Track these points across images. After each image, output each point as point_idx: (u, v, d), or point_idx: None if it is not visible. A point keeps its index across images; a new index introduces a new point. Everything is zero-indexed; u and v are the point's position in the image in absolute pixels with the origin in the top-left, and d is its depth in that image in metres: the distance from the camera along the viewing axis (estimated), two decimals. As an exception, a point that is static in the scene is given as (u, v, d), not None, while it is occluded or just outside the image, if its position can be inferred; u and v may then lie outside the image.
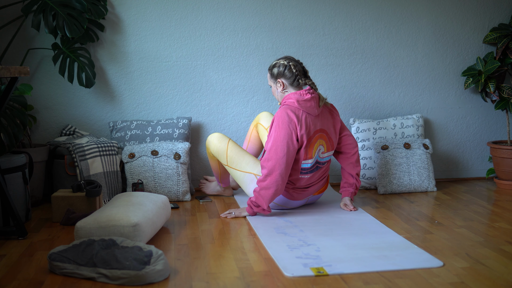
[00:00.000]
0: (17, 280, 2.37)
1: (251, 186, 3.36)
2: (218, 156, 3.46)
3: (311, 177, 3.33)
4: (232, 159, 3.40)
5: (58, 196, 3.24)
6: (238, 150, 3.42)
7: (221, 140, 3.44)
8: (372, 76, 4.16)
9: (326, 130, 3.31)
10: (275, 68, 3.32)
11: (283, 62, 3.30)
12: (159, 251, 2.44)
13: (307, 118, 3.21)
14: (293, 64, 3.29)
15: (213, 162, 3.58)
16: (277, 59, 3.35)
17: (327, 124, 3.32)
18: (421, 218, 3.23)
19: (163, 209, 3.06)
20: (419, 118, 4.08)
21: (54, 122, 3.93)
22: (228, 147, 3.41)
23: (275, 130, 3.18)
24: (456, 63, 4.22)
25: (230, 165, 3.41)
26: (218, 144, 3.44)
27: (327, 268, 2.44)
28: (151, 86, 3.98)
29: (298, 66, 3.31)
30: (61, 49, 3.73)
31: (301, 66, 3.34)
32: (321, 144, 3.29)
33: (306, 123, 3.20)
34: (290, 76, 3.28)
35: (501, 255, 2.60)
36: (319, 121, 3.27)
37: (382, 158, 3.83)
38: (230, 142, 3.44)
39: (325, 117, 3.32)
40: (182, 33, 3.97)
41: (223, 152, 3.42)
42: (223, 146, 3.42)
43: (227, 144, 3.42)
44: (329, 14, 4.06)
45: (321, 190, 3.48)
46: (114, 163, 3.66)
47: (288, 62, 3.30)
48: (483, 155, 4.32)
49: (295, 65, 3.29)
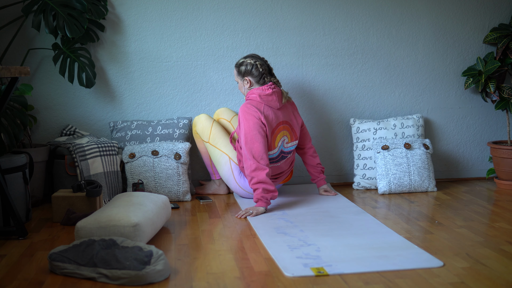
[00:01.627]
0: (17, 280, 2.37)
1: (225, 168, 3.66)
2: (201, 134, 3.71)
3: (280, 166, 3.58)
4: (214, 136, 3.67)
5: (58, 196, 3.24)
6: (221, 130, 3.71)
7: (208, 119, 3.73)
8: (372, 76, 4.16)
9: (289, 122, 3.58)
10: (243, 66, 3.54)
11: (250, 61, 3.52)
12: (159, 251, 2.44)
13: (268, 111, 3.47)
14: (260, 63, 3.52)
15: (202, 149, 3.81)
16: (244, 57, 3.56)
17: (290, 117, 3.59)
18: (421, 218, 3.23)
19: (164, 209, 3.06)
20: (419, 118, 4.08)
21: (54, 122, 3.93)
22: (213, 125, 3.70)
23: (243, 123, 3.42)
24: (456, 63, 4.23)
25: (211, 142, 3.68)
26: (204, 121, 3.72)
27: (327, 268, 2.44)
28: (152, 86, 3.98)
29: (264, 65, 3.54)
30: (61, 49, 3.74)
31: (267, 64, 3.57)
32: (284, 135, 3.55)
33: (267, 114, 3.45)
34: (257, 75, 3.52)
35: (501, 255, 2.60)
36: (282, 114, 3.54)
37: (382, 158, 3.83)
38: (215, 122, 3.73)
39: (288, 111, 3.60)
40: (183, 33, 3.97)
41: (208, 129, 3.69)
42: (208, 124, 3.71)
43: (212, 123, 3.72)
44: (330, 14, 4.06)
45: (287, 179, 3.76)
46: (115, 163, 3.66)
47: (255, 61, 3.52)
48: (483, 155, 4.32)
49: (262, 64, 3.52)
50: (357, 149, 4.00)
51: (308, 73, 4.09)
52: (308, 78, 4.09)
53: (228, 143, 3.67)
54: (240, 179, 3.63)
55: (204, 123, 3.71)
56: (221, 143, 3.66)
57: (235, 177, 3.65)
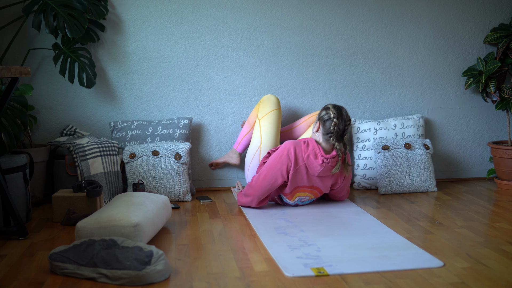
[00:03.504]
0: (17, 280, 2.37)
1: (250, 151, 3.73)
2: (261, 109, 3.73)
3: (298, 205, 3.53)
4: (266, 122, 3.69)
5: (58, 196, 3.24)
6: (275, 120, 3.71)
7: (274, 103, 3.73)
8: (372, 76, 4.16)
9: (320, 188, 3.41)
10: (324, 111, 3.36)
11: (332, 113, 3.31)
12: (159, 251, 2.44)
13: (303, 168, 3.31)
14: (337, 122, 3.28)
15: (251, 118, 3.84)
16: (334, 106, 3.35)
17: (326, 183, 3.40)
18: (421, 218, 3.23)
19: (164, 209, 3.06)
20: (420, 118, 4.08)
21: (54, 122, 3.93)
22: (273, 112, 3.70)
23: (276, 156, 3.33)
24: (456, 63, 4.22)
25: (261, 123, 3.70)
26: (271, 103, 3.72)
27: (328, 268, 2.44)
28: (152, 86, 3.98)
29: (340, 126, 3.29)
30: (61, 49, 3.74)
31: (344, 127, 3.31)
32: (307, 195, 3.43)
33: (300, 171, 3.31)
34: (327, 129, 3.31)
35: (501, 255, 2.60)
36: (317, 180, 3.36)
37: (383, 158, 3.83)
38: (277, 111, 3.72)
39: (328, 178, 3.38)
40: (183, 33, 3.97)
41: (268, 111, 3.72)
42: (271, 107, 3.72)
43: (274, 108, 3.72)
44: (330, 14, 4.06)
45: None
46: (115, 163, 3.66)
47: (335, 117, 3.29)
48: (484, 155, 4.32)
49: (337, 124, 3.28)
50: (358, 149, 4.00)
51: (309, 73, 4.09)
52: (308, 78, 4.09)
53: (271, 136, 3.68)
54: (252, 171, 3.69)
55: (270, 104, 3.72)
56: (266, 131, 3.68)
57: (251, 166, 3.71)
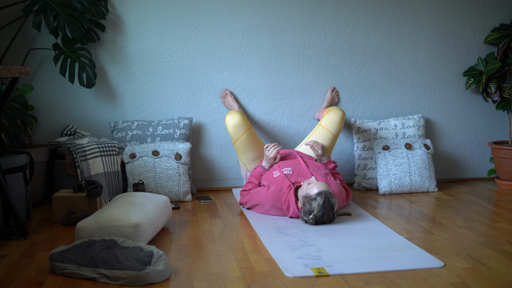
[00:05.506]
0: (18, 280, 2.37)
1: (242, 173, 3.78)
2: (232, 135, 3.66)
3: None
4: (237, 148, 3.68)
5: (59, 197, 3.24)
6: (245, 145, 3.65)
7: (236, 130, 3.62)
8: (373, 77, 4.16)
9: None
10: (312, 200, 3.02)
11: (318, 204, 3.00)
12: (160, 252, 2.44)
13: None
14: (320, 215, 3.01)
15: None
16: (326, 194, 3.00)
17: None
18: (422, 219, 3.23)
19: (164, 210, 3.06)
20: (420, 119, 4.08)
21: (55, 122, 3.93)
22: (238, 140, 3.64)
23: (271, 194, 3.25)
24: (457, 63, 4.22)
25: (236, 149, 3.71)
26: (232, 131, 3.63)
27: (328, 268, 2.44)
28: (152, 86, 3.98)
29: (321, 219, 3.03)
30: (62, 50, 3.73)
31: (328, 218, 3.04)
32: None
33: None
34: (307, 217, 3.05)
35: (502, 255, 2.60)
36: None
37: (383, 159, 3.83)
38: (243, 136, 3.63)
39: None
40: (183, 33, 3.97)
41: (233, 139, 3.66)
42: (235, 135, 3.63)
43: (238, 136, 3.62)
44: (330, 14, 4.06)
45: None
46: (115, 164, 3.66)
47: (320, 211, 3.00)
48: (484, 156, 4.32)
49: (319, 217, 3.02)
50: (358, 149, 4.00)
51: (309, 73, 4.09)
52: (308, 78, 4.09)
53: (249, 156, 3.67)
54: None
55: (232, 133, 3.62)
56: (243, 156, 3.69)
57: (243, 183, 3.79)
